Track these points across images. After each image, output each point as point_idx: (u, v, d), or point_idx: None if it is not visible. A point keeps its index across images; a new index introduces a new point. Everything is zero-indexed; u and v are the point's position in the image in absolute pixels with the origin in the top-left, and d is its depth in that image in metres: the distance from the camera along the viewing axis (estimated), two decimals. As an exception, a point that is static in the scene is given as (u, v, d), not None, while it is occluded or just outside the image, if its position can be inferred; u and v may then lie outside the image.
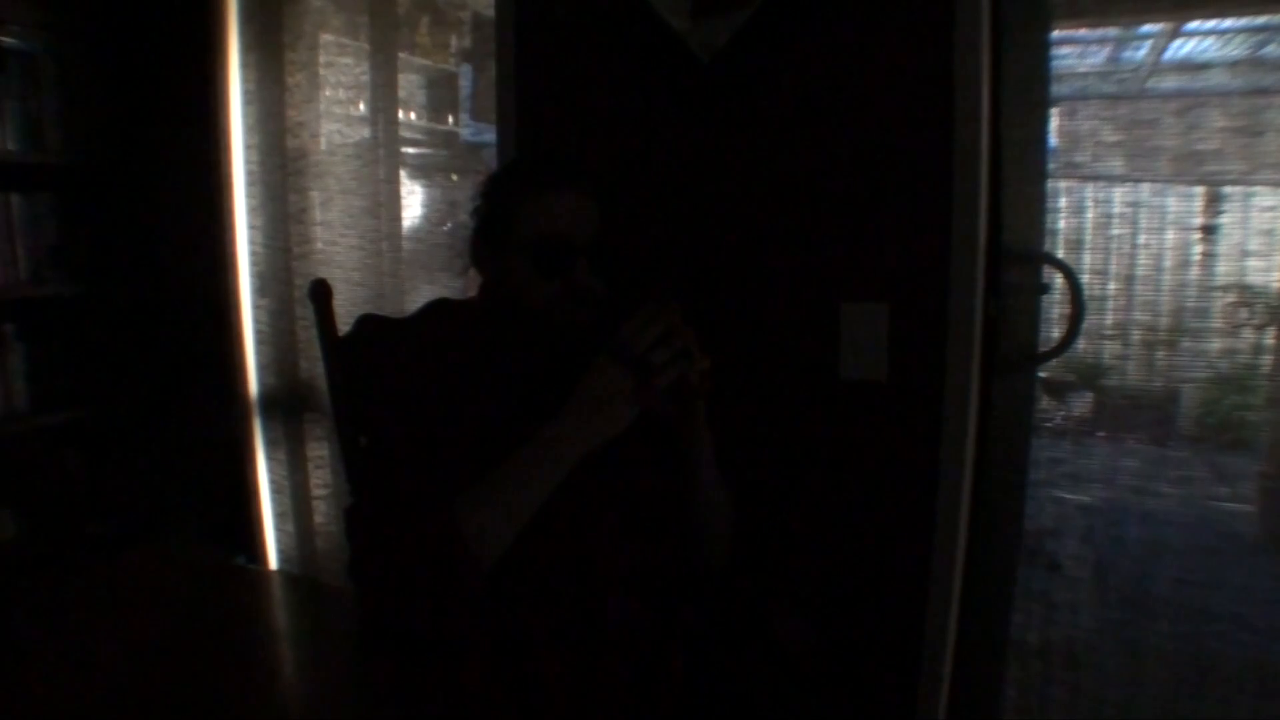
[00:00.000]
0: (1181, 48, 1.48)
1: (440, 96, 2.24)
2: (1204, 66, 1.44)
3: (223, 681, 1.23)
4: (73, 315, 2.29)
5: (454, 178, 2.23)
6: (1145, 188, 1.46)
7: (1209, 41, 1.46)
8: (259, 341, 2.30)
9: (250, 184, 2.24)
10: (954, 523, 1.37)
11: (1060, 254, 1.46)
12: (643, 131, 1.55)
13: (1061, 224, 1.50)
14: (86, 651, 1.31)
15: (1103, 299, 1.48)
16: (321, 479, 2.28)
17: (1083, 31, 1.54)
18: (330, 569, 2.27)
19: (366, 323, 1.27)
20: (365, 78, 2.09)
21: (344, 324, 1.28)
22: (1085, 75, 1.53)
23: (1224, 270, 1.42)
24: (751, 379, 1.49)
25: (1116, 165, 1.47)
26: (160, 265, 2.38)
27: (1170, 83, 1.49)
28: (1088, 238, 1.50)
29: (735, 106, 1.47)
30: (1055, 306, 1.44)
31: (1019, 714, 1.59)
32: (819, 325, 1.44)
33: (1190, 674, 1.47)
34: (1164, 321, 1.45)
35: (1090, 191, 1.50)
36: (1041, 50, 1.43)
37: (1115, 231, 1.48)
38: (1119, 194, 1.47)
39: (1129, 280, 1.47)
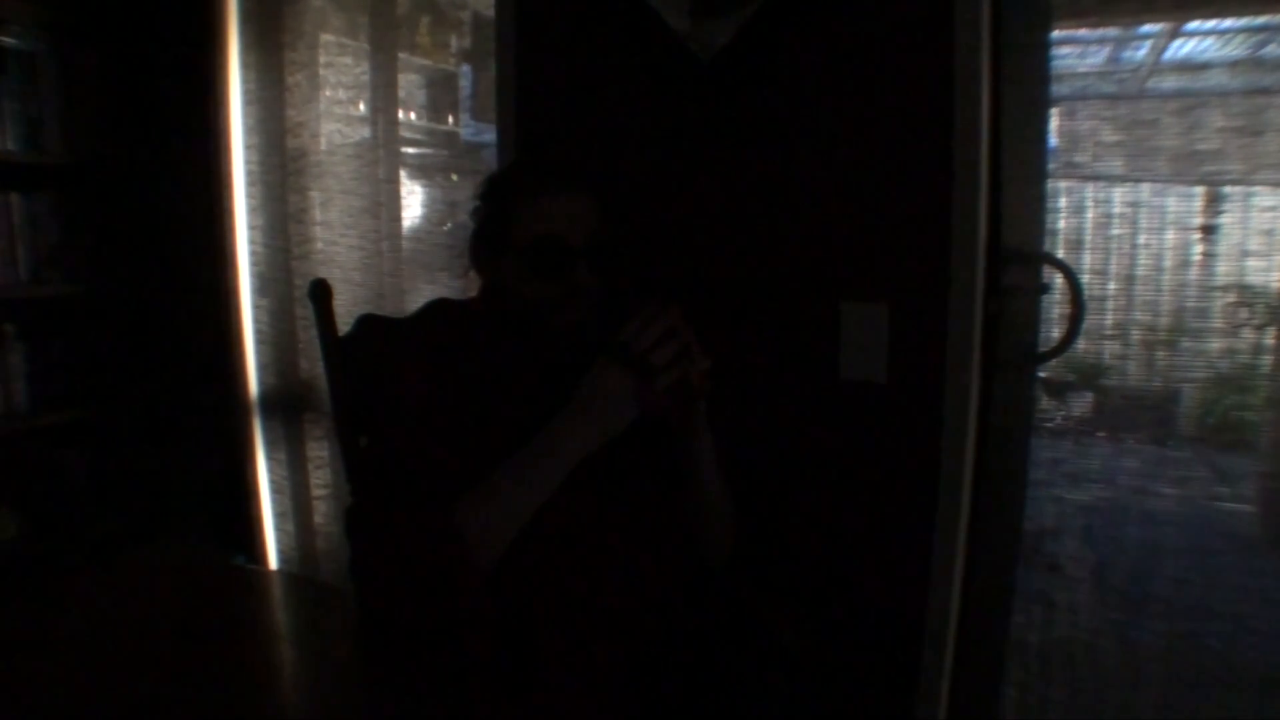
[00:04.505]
0: (1181, 48, 1.48)
1: (440, 96, 2.24)
2: (1204, 66, 1.44)
3: (223, 681, 1.23)
4: (73, 315, 2.29)
5: (454, 178, 2.23)
6: (1145, 188, 1.46)
7: (1209, 41, 1.45)
8: (259, 341, 2.30)
9: (250, 184, 2.24)
10: (954, 523, 1.37)
11: (1060, 254, 1.46)
12: (643, 131, 1.55)
13: (1061, 224, 1.49)
14: (86, 651, 1.31)
15: (1103, 299, 1.47)
16: (321, 479, 2.28)
17: (1083, 31, 1.54)
18: (330, 569, 2.27)
19: (366, 323, 1.27)
20: (365, 78, 2.09)
21: (344, 324, 1.28)
22: (1085, 75, 1.53)
23: (1224, 270, 1.42)
24: (751, 379, 1.49)
25: (1116, 165, 1.47)
26: (160, 265, 2.38)
27: (1170, 83, 1.48)
28: (1088, 238, 1.50)
29: (735, 106, 1.47)
30: (1055, 306, 1.44)
31: (1019, 714, 1.59)
32: (819, 325, 1.44)
33: (1190, 674, 1.47)
34: (1164, 321, 1.45)
35: (1090, 191, 1.50)
36: (1041, 50, 1.43)
37: (1115, 231, 1.48)
38: (1119, 194, 1.47)
39: (1129, 280, 1.47)
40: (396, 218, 2.07)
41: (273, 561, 2.37)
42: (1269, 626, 1.43)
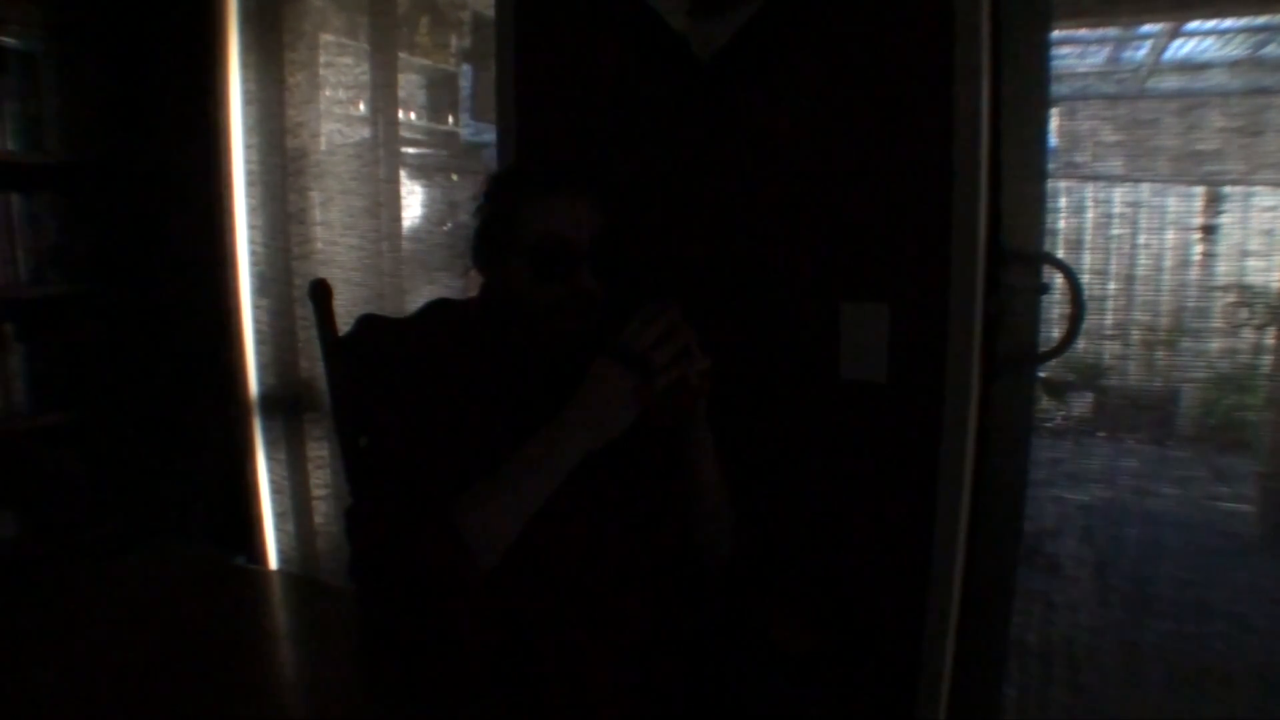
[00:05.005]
0: (1181, 48, 1.48)
1: (440, 96, 2.24)
2: (1204, 66, 1.44)
3: (223, 681, 1.23)
4: (73, 315, 2.28)
5: (454, 178, 2.23)
6: (1145, 188, 1.46)
7: (1209, 41, 1.46)
8: (259, 341, 2.30)
9: (250, 184, 2.24)
10: (954, 523, 1.37)
11: (1060, 254, 1.46)
12: (643, 131, 1.55)
13: (1061, 224, 1.50)
14: (87, 652, 1.31)
15: (1103, 299, 1.48)
16: (321, 479, 2.28)
17: (1083, 31, 1.54)
18: (330, 569, 2.27)
19: (366, 323, 1.27)
20: (365, 78, 2.09)
21: (344, 324, 1.28)
22: (1085, 75, 1.53)
23: (1224, 270, 1.42)
24: (751, 379, 1.49)
25: (1116, 165, 1.47)
26: (160, 265, 2.38)
27: (1170, 83, 1.49)
28: (1088, 238, 1.51)
29: (735, 106, 1.47)
30: (1055, 306, 1.44)
31: (1019, 714, 1.59)
32: (819, 325, 1.44)
33: (1190, 674, 1.47)
34: (1164, 321, 1.45)
35: (1090, 191, 1.50)
36: (1041, 50, 1.43)
37: (1115, 231, 1.48)
38: (1119, 194, 1.48)
39: (1129, 280, 1.47)
40: (396, 218, 2.08)
41: (273, 561, 2.37)
42: (1269, 626, 1.43)
